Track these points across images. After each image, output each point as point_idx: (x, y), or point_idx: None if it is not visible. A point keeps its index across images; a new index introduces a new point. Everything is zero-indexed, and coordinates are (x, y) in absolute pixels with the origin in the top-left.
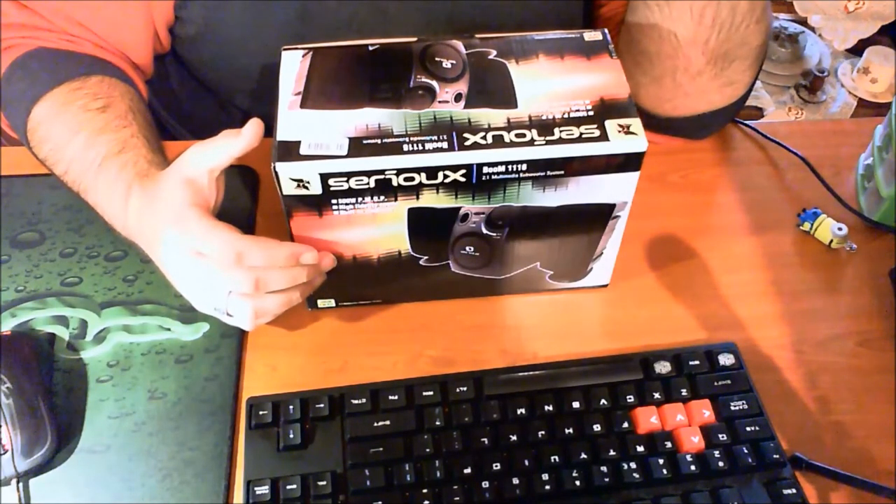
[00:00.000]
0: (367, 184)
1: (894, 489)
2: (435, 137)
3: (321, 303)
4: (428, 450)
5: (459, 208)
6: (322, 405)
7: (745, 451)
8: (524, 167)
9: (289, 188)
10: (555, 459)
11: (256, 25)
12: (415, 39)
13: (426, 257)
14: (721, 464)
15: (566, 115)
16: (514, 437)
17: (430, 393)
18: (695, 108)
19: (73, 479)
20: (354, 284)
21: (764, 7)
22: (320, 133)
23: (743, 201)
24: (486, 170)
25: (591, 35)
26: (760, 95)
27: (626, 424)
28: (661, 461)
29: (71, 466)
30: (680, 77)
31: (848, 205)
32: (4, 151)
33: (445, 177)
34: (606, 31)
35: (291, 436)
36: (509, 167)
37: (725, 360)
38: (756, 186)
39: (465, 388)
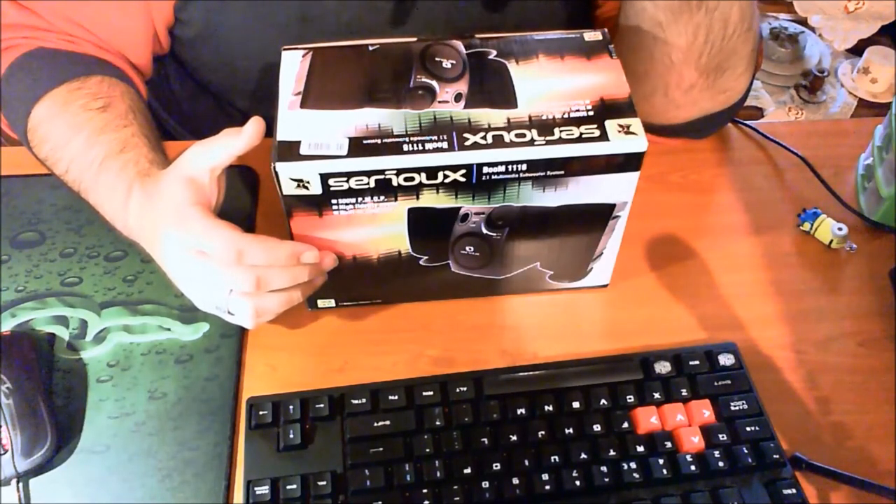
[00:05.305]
0: (367, 184)
1: (894, 489)
2: (435, 137)
3: (321, 303)
4: (428, 450)
5: (459, 208)
6: (322, 405)
7: (745, 451)
8: (524, 167)
9: (289, 188)
10: (555, 459)
11: (256, 27)
12: (415, 39)
13: (426, 257)
14: (721, 464)
15: (566, 115)
16: (514, 437)
17: (430, 393)
18: (687, 117)
19: (73, 479)
20: (354, 284)
21: (752, 14)
22: (320, 133)
23: (743, 201)
24: (486, 170)
25: (591, 35)
26: (760, 95)
27: (626, 424)
28: (661, 461)
29: (71, 466)
30: (672, 93)
31: (848, 205)
32: (4, 151)
33: (445, 177)
34: (606, 30)
35: (291, 436)
36: (509, 167)
37: (725, 360)
38: (756, 186)
39: (465, 388)
